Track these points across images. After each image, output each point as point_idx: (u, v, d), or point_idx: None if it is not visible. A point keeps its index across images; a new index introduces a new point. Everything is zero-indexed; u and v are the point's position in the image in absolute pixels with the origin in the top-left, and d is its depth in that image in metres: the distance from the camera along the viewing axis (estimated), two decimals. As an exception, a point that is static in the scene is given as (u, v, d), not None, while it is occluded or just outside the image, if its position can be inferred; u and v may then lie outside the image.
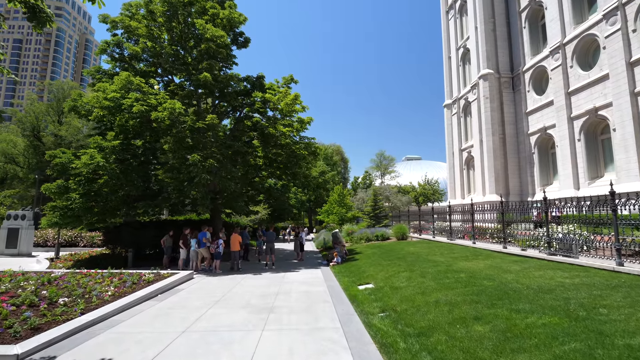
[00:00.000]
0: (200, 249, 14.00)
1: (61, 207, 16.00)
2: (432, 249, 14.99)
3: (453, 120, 32.76)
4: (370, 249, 17.46)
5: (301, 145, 17.27)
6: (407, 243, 18.16)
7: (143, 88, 15.78)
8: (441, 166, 52.74)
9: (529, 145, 26.69)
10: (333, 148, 52.25)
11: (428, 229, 22.12)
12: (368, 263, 13.53)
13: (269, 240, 14.75)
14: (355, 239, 21.36)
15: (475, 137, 29.02)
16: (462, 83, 31.85)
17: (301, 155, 16.85)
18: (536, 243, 12.78)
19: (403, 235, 20.10)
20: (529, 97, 26.73)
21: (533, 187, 26.40)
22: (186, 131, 14.75)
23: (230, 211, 20.33)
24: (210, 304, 8.80)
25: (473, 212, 15.62)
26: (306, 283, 11.27)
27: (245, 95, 19.62)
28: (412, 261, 12.33)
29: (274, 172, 21.07)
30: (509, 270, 9.29)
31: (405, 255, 13.77)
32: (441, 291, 7.82)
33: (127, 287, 9.73)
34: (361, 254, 16.31)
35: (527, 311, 5.94)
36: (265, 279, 12.40)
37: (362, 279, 11.14)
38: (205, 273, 13.74)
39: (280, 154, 16.42)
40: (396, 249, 16.34)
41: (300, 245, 17.25)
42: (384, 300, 8.14)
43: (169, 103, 14.51)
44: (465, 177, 31.10)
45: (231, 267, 14.34)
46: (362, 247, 19.09)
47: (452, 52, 33.24)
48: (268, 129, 17.08)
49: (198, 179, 14.10)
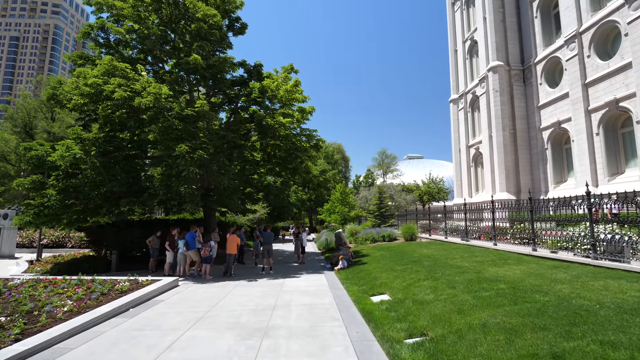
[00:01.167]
0: (189, 251, 12.13)
1: (36, 205, 14.15)
2: (449, 251, 13.14)
3: (460, 115, 30.94)
4: (378, 251, 15.60)
5: (302, 137, 15.40)
6: (418, 244, 16.30)
7: (128, 74, 13.93)
8: (444, 165, 50.94)
9: (542, 140, 24.86)
10: (334, 146, 50.40)
11: (437, 229, 20.29)
12: (379, 268, 11.66)
13: (266, 241, 12.90)
14: (360, 240, 19.50)
15: (484, 132, 27.20)
16: (469, 77, 30.03)
17: (302, 147, 14.97)
18: (569, 245, 10.96)
19: (412, 236, 18.24)
20: (541, 90, 24.91)
21: (546, 185, 24.57)
22: (173, 119, 12.88)
23: (226, 210, 18.46)
24: (191, 321, 6.93)
25: (494, 210, 13.77)
26: (309, 293, 9.40)
27: (242, 85, 17.77)
28: (430, 266, 10.47)
29: (273, 168, 19.22)
30: (557, 279, 7.43)
31: (421, 259, 11.91)
32: (484, 309, 5.96)
33: (92, 300, 7.85)
34: (369, 257, 14.44)
35: (626, 346, 4.10)
36: (261, 286, 10.53)
37: (375, 287, 9.27)
38: (193, 279, 11.87)
39: (279, 146, 14.54)
40: (407, 251, 14.49)
41: (301, 248, 15.37)
42: (408, 319, 6.27)
43: (154, 87, 12.65)
44: (473, 175, 29.27)
45: (224, 272, 12.46)
46: (368, 248, 17.22)
47: (459, 45, 31.44)
48: (266, 119, 15.23)
49: (186, 173, 12.23)
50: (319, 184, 43.53)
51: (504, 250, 12.25)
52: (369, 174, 40.90)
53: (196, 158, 12.19)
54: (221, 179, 12.93)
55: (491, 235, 14.90)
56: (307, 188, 43.31)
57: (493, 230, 13.60)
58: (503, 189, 25.01)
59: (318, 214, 38.62)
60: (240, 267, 14.81)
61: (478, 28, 28.25)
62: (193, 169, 12.06)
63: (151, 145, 14.29)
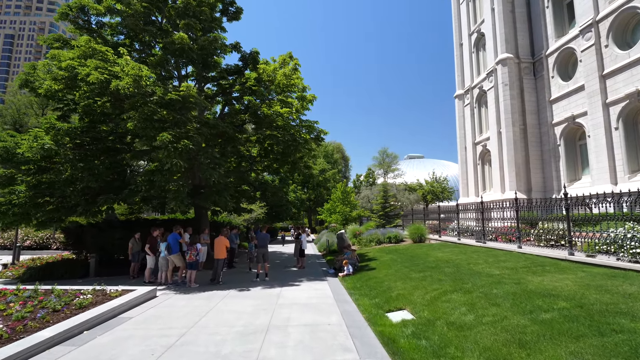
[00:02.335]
0: (171, 255, 10.33)
1: (3, 203, 12.36)
2: (468, 254, 11.38)
3: (465, 111, 29.25)
4: (386, 254, 13.83)
5: (302, 128, 13.62)
6: (429, 246, 14.54)
7: (108, 57, 12.16)
8: (445, 164, 49.31)
9: (554, 136, 23.17)
10: (334, 145, 48.62)
11: (445, 230, 18.57)
12: (391, 275, 9.86)
13: (261, 244, 11.09)
14: (364, 242, 17.74)
15: (492, 128, 25.49)
16: (475, 71, 28.35)
17: (302, 139, 13.20)
18: (612, 248, 9.25)
19: (421, 237, 16.48)
20: (553, 83, 23.22)
21: (559, 183, 22.85)
22: (156, 106, 11.10)
23: (218, 209, 16.68)
24: (158, 352, 5.15)
25: (517, 208, 12.04)
26: (311, 307, 7.62)
27: (237, 74, 16.00)
28: (453, 273, 8.71)
29: (271, 165, 17.47)
30: (628, 294, 5.67)
31: (439, 264, 10.14)
32: (558, 342, 4.20)
33: (36, 320, 6.04)
34: (376, 261, 12.66)
35: None
36: (253, 298, 8.73)
37: (391, 301, 7.50)
38: (175, 288, 10.07)
39: (276, 137, 12.73)
40: (419, 254, 12.73)
41: (301, 251, 13.57)
42: (450, 354, 4.50)
43: (132, 67, 10.87)
44: (480, 173, 27.54)
45: (212, 279, 10.66)
46: (374, 251, 15.44)
47: (464, 39, 29.78)
48: (261, 109, 13.48)
49: (169, 166, 10.45)
50: (319, 183, 41.75)
51: (532, 254, 10.51)
52: (369, 173, 39.16)
53: (180, 149, 10.40)
54: (210, 174, 11.13)
55: (513, 237, 13.19)
56: (306, 188, 41.53)
57: (518, 231, 11.85)
58: (513, 188, 23.29)
59: (317, 214, 36.88)
60: (232, 273, 13.01)
61: (485, 20, 26.57)
62: (177, 162, 10.27)
63: (132, 137, 12.47)
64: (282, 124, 13.01)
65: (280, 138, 12.66)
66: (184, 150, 10.50)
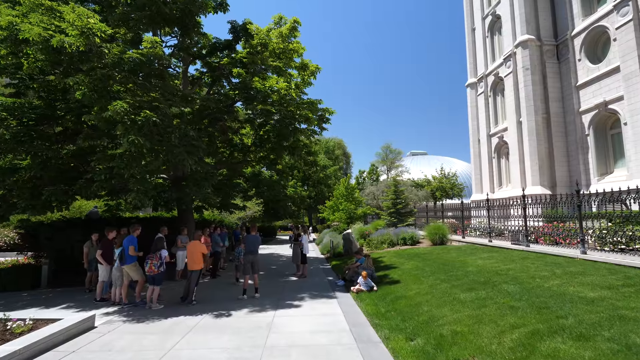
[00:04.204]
0: (125, 265, 7.43)
1: None
2: (519, 263, 8.49)
3: (479, 101, 26.39)
4: (406, 260, 10.93)
5: (303, 104, 10.69)
6: (458, 250, 11.64)
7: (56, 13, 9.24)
8: (449, 161, 46.46)
9: (581, 125, 20.30)
10: (335, 141, 45.66)
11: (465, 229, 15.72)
12: (426, 293, 6.95)
13: (250, 249, 8.19)
14: (375, 243, 14.84)
15: (509, 118, 22.63)
16: (490, 57, 25.49)
17: (303, 116, 10.29)
18: None
19: (442, 239, 13.61)
20: (580, 66, 20.36)
21: (587, 177, 19.98)
22: (111, 69, 8.20)
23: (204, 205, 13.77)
24: None
25: (581, 203, 9.17)
26: (318, 349, 4.75)
27: (226, 49, 13.09)
28: (521, 294, 5.82)
29: (267, 155, 14.59)
30: None
31: (489, 277, 7.24)
32: None
33: None
34: (397, 270, 9.75)
35: None
36: (233, 331, 5.81)
37: (445, 344, 4.58)
38: (130, 311, 7.15)
39: (271, 113, 9.77)
40: (450, 260, 9.84)
41: (302, 256, 10.65)
42: None
43: (78, 16, 7.97)
44: (496, 167, 24.68)
45: (183, 297, 7.76)
46: (389, 255, 12.54)
47: (477, 23, 26.92)
48: (253, 82, 10.59)
49: (127, 146, 7.55)
50: (319, 180, 38.83)
51: (610, 263, 7.65)
52: (373, 169, 36.27)
53: (140, 122, 7.50)
54: (182, 158, 8.23)
55: (559, 238, 10.36)
56: (306, 185, 38.62)
57: (581, 232, 8.97)
58: (536, 182, 20.44)
59: (318, 212, 34.00)
60: (214, 285, 10.08)
61: (502, 0, 23.72)
62: (134, 139, 7.36)
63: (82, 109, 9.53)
64: (277, 98, 10.10)
65: (276, 114, 9.76)
66: (146, 125, 7.59)
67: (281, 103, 10.10)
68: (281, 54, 10.40)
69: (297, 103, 10.82)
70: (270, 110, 9.54)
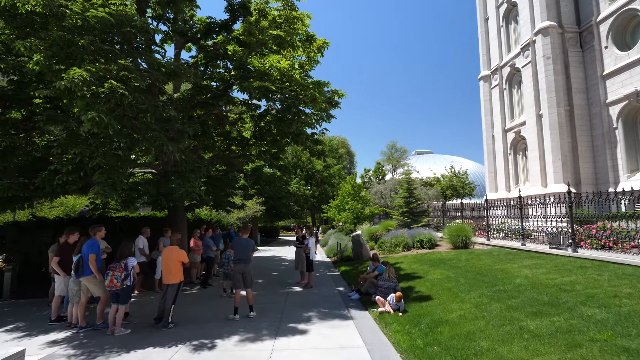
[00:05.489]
0: (83, 277, 5.69)
1: None
2: (579, 274, 6.67)
3: (493, 94, 24.55)
4: (430, 267, 9.11)
5: (309, 86, 8.89)
6: (489, 255, 9.80)
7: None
8: (455, 160, 44.47)
9: (608, 118, 18.42)
10: (338, 140, 43.86)
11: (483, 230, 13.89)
12: (473, 316, 5.13)
13: (239, 257, 6.30)
14: (388, 246, 13.03)
15: (528, 111, 20.75)
16: (505, 47, 23.65)
17: (309, 97, 8.50)
18: None
19: (465, 242, 11.78)
20: (607, 54, 18.50)
21: (615, 174, 18.09)
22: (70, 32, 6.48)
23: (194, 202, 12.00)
24: None
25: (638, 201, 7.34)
26: None
27: (223, 29, 11.36)
28: (616, 322, 4.03)
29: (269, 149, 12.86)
30: None
31: (554, 296, 5.43)
32: None
33: None
34: (422, 281, 7.93)
35: None
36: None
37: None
38: (83, 340, 5.40)
39: (269, 90, 7.97)
40: (484, 268, 8.02)
41: (308, 262, 8.85)
42: None
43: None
44: (512, 164, 22.81)
45: (156, 319, 5.99)
46: (407, 261, 10.72)
47: (491, 12, 25.09)
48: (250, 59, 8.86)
49: (89, 124, 5.82)
50: (323, 179, 37.00)
51: None
52: (378, 167, 34.41)
53: (103, 94, 5.75)
54: (161, 143, 6.47)
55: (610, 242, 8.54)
56: (309, 184, 36.81)
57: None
58: (559, 180, 18.55)
59: (322, 212, 32.19)
60: (201, 298, 8.32)
61: (518, -14, 21.88)
62: (95, 116, 5.62)
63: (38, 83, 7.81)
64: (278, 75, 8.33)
65: (277, 92, 7.99)
66: (112, 99, 5.84)
67: (282, 81, 8.33)
68: (283, 23, 8.66)
69: (301, 84, 9.03)
70: (269, 88, 7.76)
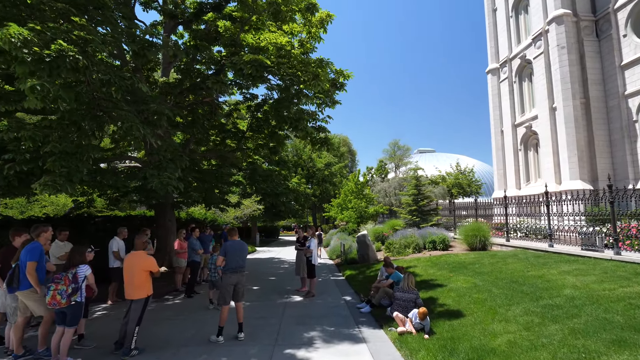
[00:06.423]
0: (20, 292, 4.42)
1: None
2: (630, 283, 5.39)
3: (502, 88, 23.27)
4: (451, 273, 7.82)
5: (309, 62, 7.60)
6: (515, 258, 8.49)
7: None
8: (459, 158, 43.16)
9: (627, 111, 17.14)
10: (340, 138, 42.58)
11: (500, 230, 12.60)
12: (527, 344, 3.84)
13: (232, 265, 4.94)
14: (397, 248, 11.72)
15: (540, 105, 19.45)
16: (514, 39, 22.37)
17: (311, 73, 7.20)
18: None
19: (483, 243, 10.48)
20: (626, 44, 17.22)
21: (635, 170, 16.81)
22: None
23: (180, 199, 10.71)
24: None
25: None
26: None
27: (215, 10, 10.11)
28: None
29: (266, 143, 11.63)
30: None
31: (630, 312, 4.17)
32: None
33: None
34: (445, 290, 6.63)
35: None
36: None
37: None
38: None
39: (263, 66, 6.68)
40: (516, 275, 6.74)
41: (310, 268, 7.54)
42: None
43: None
44: (522, 161, 21.51)
45: (117, 342, 4.67)
46: (420, 264, 9.41)
47: (499, 2, 23.80)
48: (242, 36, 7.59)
49: (31, 95, 4.53)
50: (324, 178, 35.72)
51: None
52: (381, 165, 33.12)
53: (49, 57, 4.47)
54: (130, 125, 5.19)
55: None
56: (310, 183, 35.54)
57: None
58: (575, 176, 17.25)
59: (323, 211, 30.89)
60: (183, 310, 7.04)
61: (529, -26, 20.62)
62: (34, 84, 4.34)
63: None
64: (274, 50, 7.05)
65: (272, 67, 6.71)
66: (62, 65, 4.55)
67: (280, 56, 7.06)
68: None
69: (301, 62, 7.74)
70: (263, 63, 6.47)
